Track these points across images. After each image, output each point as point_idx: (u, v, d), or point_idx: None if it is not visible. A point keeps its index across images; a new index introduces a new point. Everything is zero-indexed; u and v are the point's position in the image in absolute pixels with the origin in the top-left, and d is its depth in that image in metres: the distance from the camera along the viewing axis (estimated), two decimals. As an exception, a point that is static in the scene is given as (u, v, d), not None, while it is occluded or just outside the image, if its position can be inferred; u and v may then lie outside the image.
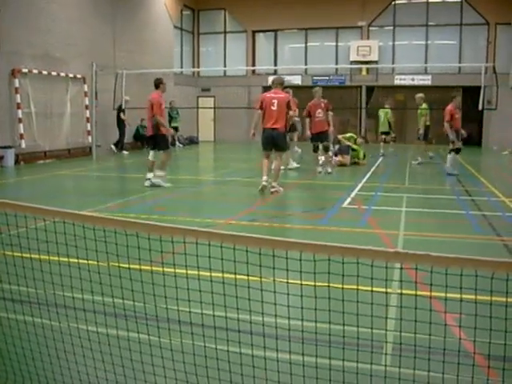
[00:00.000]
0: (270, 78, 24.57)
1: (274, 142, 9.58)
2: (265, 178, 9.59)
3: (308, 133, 12.66)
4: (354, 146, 14.93)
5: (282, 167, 11.26)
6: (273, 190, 9.64)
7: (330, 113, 14.47)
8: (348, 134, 15.52)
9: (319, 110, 12.51)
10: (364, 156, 15.05)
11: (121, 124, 18.72)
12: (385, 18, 23.97)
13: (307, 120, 12.71)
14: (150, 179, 10.34)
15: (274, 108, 9.43)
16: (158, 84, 10.31)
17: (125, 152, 18.84)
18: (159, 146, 10.35)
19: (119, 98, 17.42)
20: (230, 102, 22.53)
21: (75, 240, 2.55)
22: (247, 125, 20.75)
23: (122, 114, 18.46)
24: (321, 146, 12.80)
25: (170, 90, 22.85)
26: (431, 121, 16.35)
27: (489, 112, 20.10)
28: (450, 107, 12.55)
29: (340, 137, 15.07)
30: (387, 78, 23.76)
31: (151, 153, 10.51)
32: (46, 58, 15.66)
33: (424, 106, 15.66)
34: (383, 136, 17.72)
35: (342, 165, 14.22)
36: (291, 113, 9.72)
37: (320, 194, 10.44)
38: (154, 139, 10.37)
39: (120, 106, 18.01)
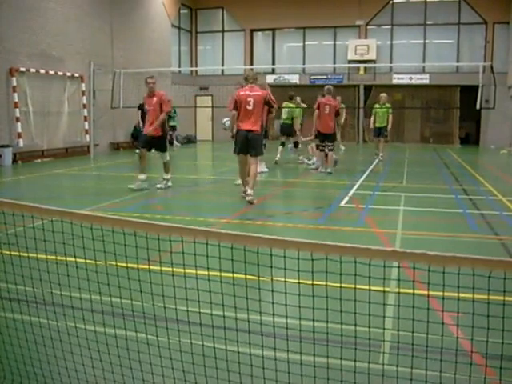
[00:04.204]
0: (268, 77, 24.88)
1: (248, 145, 8.50)
2: (249, 191, 8.40)
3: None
4: None
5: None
6: (249, 198, 8.31)
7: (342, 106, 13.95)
8: None
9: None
10: None
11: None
12: (383, 17, 23.96)
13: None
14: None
15: (250, 107, 8.40)
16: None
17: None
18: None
19: (115, 97, 17.42)
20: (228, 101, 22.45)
21: (73, 239, 2.54)
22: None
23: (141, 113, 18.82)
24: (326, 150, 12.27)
25: (167, 89, 22.88)
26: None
27: (487, 111, 20.10)
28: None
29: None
30: (385, 77, 23.75)
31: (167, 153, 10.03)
32: (43, 56, 15.62)
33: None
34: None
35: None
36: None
37: (317, 193, 10.44)
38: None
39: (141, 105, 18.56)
